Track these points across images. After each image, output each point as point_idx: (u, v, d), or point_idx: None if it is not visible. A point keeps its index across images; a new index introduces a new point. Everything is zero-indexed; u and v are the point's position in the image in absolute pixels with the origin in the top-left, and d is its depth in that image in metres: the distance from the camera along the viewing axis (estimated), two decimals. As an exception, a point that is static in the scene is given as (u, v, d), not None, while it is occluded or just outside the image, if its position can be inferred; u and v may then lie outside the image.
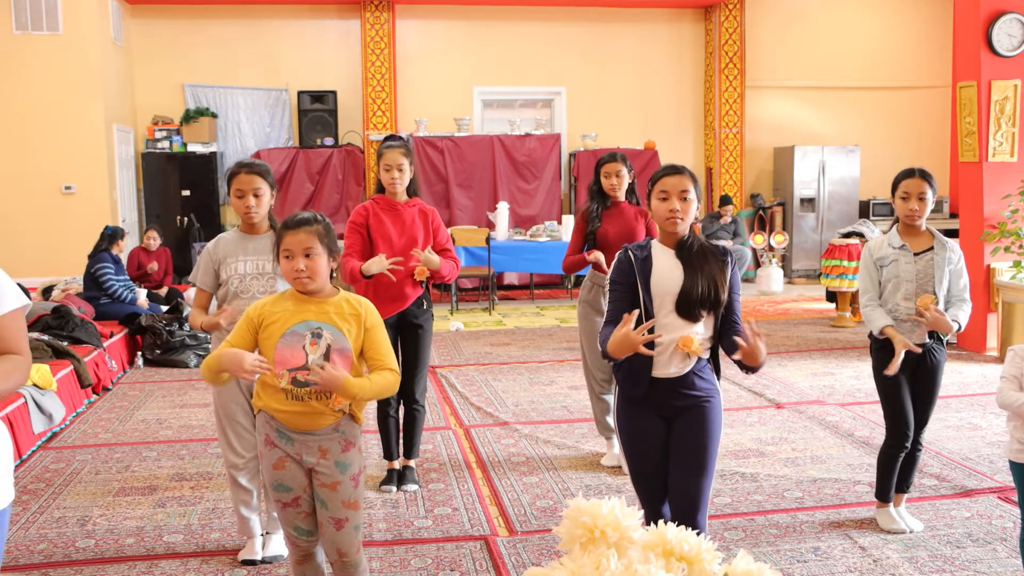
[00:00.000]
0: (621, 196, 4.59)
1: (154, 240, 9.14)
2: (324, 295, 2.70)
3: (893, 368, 3.59)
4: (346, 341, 2.65)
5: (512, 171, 11.45)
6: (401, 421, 4.47)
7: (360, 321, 2.69)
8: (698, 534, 2.79)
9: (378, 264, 4.02)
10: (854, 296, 8.70)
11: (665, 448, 2.88)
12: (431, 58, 11.72)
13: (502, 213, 10.75)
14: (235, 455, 3.60)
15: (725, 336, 2.88)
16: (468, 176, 11.35)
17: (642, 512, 2.83)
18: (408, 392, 4.36)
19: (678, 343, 2.81)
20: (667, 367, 2.85)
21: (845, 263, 8.72)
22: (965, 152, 7.50)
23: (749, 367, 2.80)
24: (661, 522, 1.52)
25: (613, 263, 2.96)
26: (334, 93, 11.27)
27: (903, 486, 3.87)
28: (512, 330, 8.89)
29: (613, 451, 4.74)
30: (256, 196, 3.49)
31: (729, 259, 2.90)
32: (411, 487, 4.40)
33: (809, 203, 11.93)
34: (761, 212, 12.08)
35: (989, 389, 6.18)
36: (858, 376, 6.60)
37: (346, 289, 2.84)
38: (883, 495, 3.86)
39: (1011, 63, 7.24)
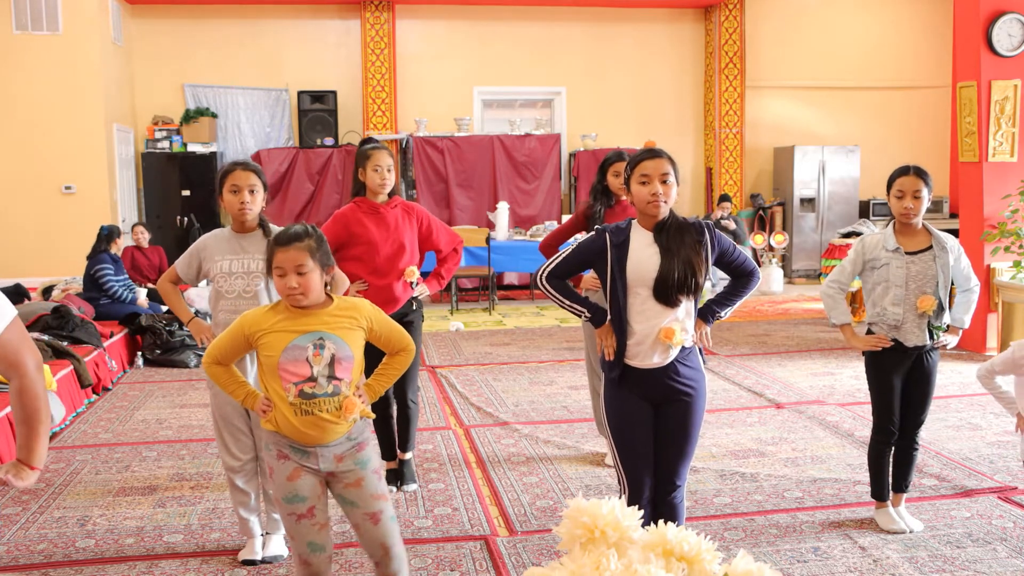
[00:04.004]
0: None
1: (142, 235, 9.00)
2: (318, 305, 2.67)
3: (884, 341, 3.70)
4: (348, 349, 2.64)
5: (512, 171, 11.44)
6: (395, 419, 4.49)
7: (359, 323, 2.68)
8: (677, 502, 2.97)
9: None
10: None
11: (651, 429, 2.96)
12: (431, 58, 11.72)
13: (502, 213, 10.75)
14: (232, 458, 3.60)
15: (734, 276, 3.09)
16: (468, 176, 11.35)
17: (626, 493, 2.88)
18: (400, 393, 4.37)
19: (659, 334, 2.81)
20: (649, 357, 2.87)
21: (845, 263, 8.70)
22: (965, 152, 7.50)
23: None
24: (661, 522, 1.52)
25: (590, 234, 3.03)
26: (334, 93, 11.27)
27: (902, 486, 3.87)
28: (512, 330, 8.89)
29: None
30: (251, 193, 3.51)
31: (707, 236, 2.92)
32: (411, 487, 4.40)
33: (809, 203, 11.92)
34: (761, 212, 12.08)
35: (989, 389, 6.18)
36: (858, 376, 6.59)
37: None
38: (879, 494, 3.86)
39: (1011, 63, 7.24)
